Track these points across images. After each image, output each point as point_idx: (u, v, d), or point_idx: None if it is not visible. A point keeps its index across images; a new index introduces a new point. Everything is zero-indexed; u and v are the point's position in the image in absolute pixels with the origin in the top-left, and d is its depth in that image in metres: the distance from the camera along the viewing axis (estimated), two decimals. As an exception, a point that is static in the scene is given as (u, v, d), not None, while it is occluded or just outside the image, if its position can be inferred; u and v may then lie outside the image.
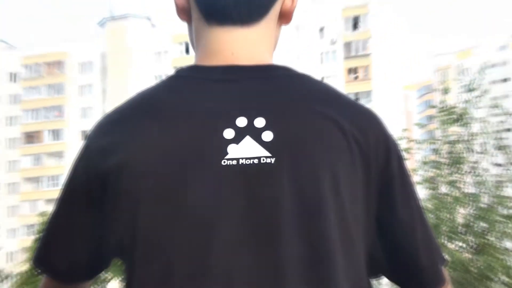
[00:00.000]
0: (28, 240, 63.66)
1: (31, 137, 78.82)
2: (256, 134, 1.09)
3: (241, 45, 1.17)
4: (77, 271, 1.22)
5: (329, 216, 1.07)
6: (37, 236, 36.10)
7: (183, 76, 1.19)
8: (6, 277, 50.36)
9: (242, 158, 1.07)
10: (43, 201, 73.74)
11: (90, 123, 77.54)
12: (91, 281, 1.31)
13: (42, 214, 37.68)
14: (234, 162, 1.07)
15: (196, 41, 1.25)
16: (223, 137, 1.08)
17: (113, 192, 1.11)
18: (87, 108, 78.52)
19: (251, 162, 1.07)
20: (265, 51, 1.20)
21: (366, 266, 1.14)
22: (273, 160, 1.07)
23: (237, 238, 1.05)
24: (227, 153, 1.07)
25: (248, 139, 1.08)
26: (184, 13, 1.25)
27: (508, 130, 19.40)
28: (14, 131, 79.61)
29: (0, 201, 78.44)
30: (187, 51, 74.71)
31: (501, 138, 18.85)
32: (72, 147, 76.89)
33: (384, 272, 1.21)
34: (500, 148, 18.84)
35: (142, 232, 1.08)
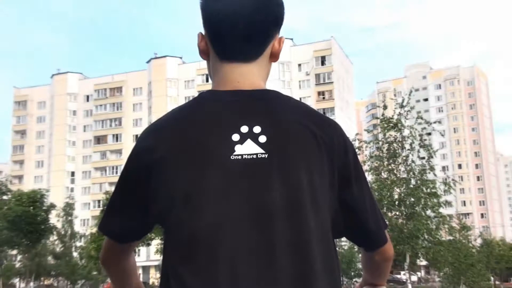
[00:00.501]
0: (96, 211, 63.53)
1: (99, 139, 78.67)
2: (254, 137, 1.10)
3: (244, 76, 1.19)
4: (129, 234, 1.22)
5: (305, 195, 1.09)
6: (102, 208, 36.08)
7: (204, 97, 1.19)
8: (81, 236, 50.24)
9: (245, 154, 1.09)
10: (107, 184, 73.58)
11: (140, 130, 77.37)
12: (140, 241, 1.30)
13: (106, 193, 37.69)
14: (240, 157, 1.09)
15: (212, 73, 1.24)
16: (232, 139, 1.10)
17: (155, 178, 1.11)
18: (138, 120, 78.34)
19: (251, 157, 1.09)
20: (261, 80, 1.21)
21: (331, 230, 1.14)
22: (266, 155, 1.09)
23: (242, 214, 1.06)
24: (234, 151, 1.09)
25: (249, 141, 1.10)
26: (204, 53, 1.24)
27: (429, 134, 19.24)
28: (88, 135, 79.49)
29: (77, 184, 78.31)
30: (207, 80, 74.52)
31: (424, 140, 18.69)
32: (128, 146, 76.72)
33: (344, 234, 1.21)
34: (423, 146, 18.69)
35: (175, 207, 1.08)
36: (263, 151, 1.09)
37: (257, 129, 1.11)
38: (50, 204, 39.50)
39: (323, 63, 72.56)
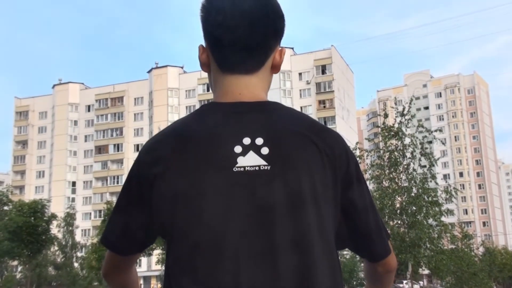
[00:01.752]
0: (97, 221, 63.40)
1: (100, 149, 78.65)
2: (257, 149, 1.11)
3: (246, 88, 1.19)
4: (131, 247, 1.21)
5: (309, 208, 1.09)
6: (104, 218, 36.00)
7: (205, 109, 1.18)
8: (82, 247, 50.10)
9: (248, 166, 1.09)
10: (108, 193, 73.45)
11: (141, 140, 77.48)
12: (141, 253, 1.28)
13: (107, 203, 37.56)
14: (242, 169, 1.09)
15: (214, 85, 1.24)
16: (234, 151, 1.10)
17: (157, 191, 1.11)
18: (139, 129, 78.35)
19: (254, 169, 1.09)
20: (262, 91, 1.22)
21: (335, 242, 1.15)
22: (269, 167, 1.09)
23: (244, 223, 1.06)
24: (237, 163, 1.09)
25: (251, 153, 1.10)
26: (205, 66, 1.25)
27: (430, 142, 19.22)
28: (89, 145, 79.47)
29: (78, 194, 78.20)
30: (208, 89, 74.57)
31: (425, 148, 18.67)
32: (129, 156, 76.72)
33: (347, 245, 1.22)
34: (424, 155, 18.67)
35: (177, 218, 1.09)
36: (265, 163, 1.09)
37: (259, 141, 1.11)
38: (51, 214, 39.38)
39: (323, 72, 72.66)
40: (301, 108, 68.88)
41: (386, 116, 19.20)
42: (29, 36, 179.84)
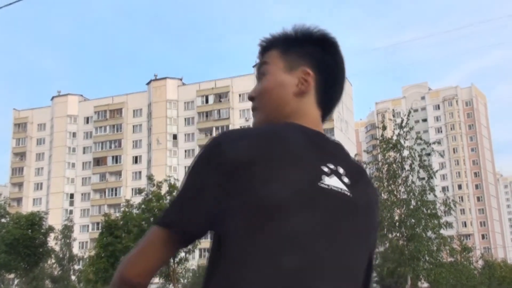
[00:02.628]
0: (95, 233, 63.08)
1: (99, 161, 78.55)
2: (339, 176, 1.14)
3: (320, 122, 1.27)
4: (192, 236, 1.12)
5: (366, 247, 1.18)
6: (101, 230, 35.66)
7: (294, 125, 1.19)
8: (79, 259, 49.81)
9: (333, 186, 1.11)
10: (106, 206, 73.24)
11: (139, 152, 77.45)
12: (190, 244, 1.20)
13: (105, 215, 37.26)
14: (326, 186, 1.11)
15: (292, 105, 1.24)
16: (321, 169, 1.12)
17: (241, 186, 1.07)
18: (137, 141, 78.33)
19: (338, 190, 1.12)
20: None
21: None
22: (351, 195, 1.13)
23: (327, 235, 1.08)
24: (322, 180, 1.10)
25: (335, 177, 1.13)
26: (304, 92, 1.26)
27: (428, 154, 19.23)
28: (88, 157, 79.37)
29: (76, 206, 77.96)
30: (206, 101, 74.75)
31: (423, 160, 18.66)
32: (127, 168, 76.65)
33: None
34: (423, 167, 18.66)
35: (257, 222, 1.06)
36: (348, 190, 1.13)
37: (341, 170, 1.14)
38: (49, 226, 39.21)
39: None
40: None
41: (384, 128, 19.22)
42: (28, 48, 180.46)
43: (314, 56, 1.24)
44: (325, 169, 1.12)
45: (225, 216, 1.06)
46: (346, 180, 1.14)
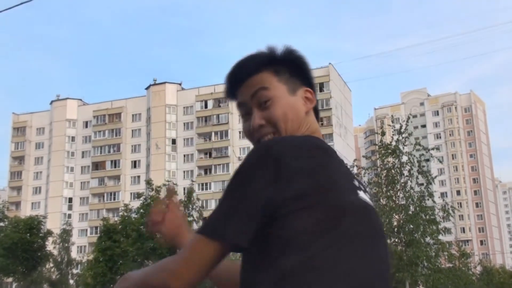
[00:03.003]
0: (93, 237, 63.01)
1: (97, 165, 78.52)
2: (363, 191, 1.17)
3: None
4: (242, 249, 1.08)
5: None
6: (100, 235, 35.64)
7: (320, 139, 1.21)
8: (77, 264, 49.71)
9: (364, 199, 1.15)
10: (105, 210, 73.18)
11: (138, 156, 77.44)
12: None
13: (104, 219, 37.27)
14: (363, 199, 1.14)
15: (307, 121, 1.27)
16: (354, 184, 1.15)
17: (305, 195, 1.05)
18: (136, 146, 78.32)
19: (370, 203, 1.17)
20: None
21: None
22: (373, 205, 1.18)
23: (377, 245, 1.13)
24: (358, 194, 1.13)
25: (362, 191, 1.16)
26: (309, 109, 1.31)
27: (427, 160, 19.28)
28: (86, 161, 79.34)
29: (75, 210, 77.88)
30: (206, 106, 74.83)
31: (422, 166, 18.71)
32: (126, 173, 76.61)
33: None
34: (421, 173, 18.70)
35: (313, 236, 1.06)
36: (371, 202, 1.17)
37: (360, 186, 1.18)
38: (47, 230, 39.20)
39: (321, 89, 72.96)
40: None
41: (383, 134, 19.28)
42: (27, 52, 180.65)
43: (300, 73, 1.29)
44: (356, 183, 1.16)
45: (282, 222, 1.03)
46: (367, 196, 1.17)
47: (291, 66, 1.27)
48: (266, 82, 1.23)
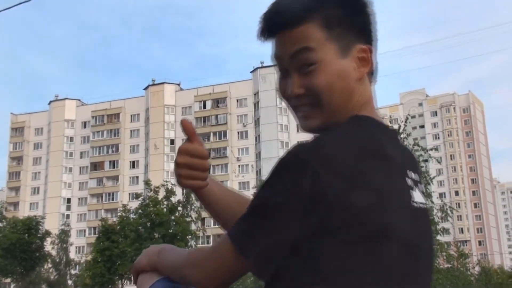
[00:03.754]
0: (92, 238, 63.02)
1: (96, 166, 78.54)
2: (417, 184, 0.99)
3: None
4: (269, 266, 0.94)
5: None
6: (98, 235, 35.63)
7: (372, 126, 1.00)
8: (75, 264, 49.72)
9: (417, 202, 0.97)
10: (103, 210, 73.18)
11: (136, 157, 77.46)
12: None
13: (102, 220, 37.28)
14: (416, 204, 0.96)
15: (358, 92, 1.02)
16: (407, 183, 0.96)
17: (345, 211, 0.87)
18: (135, 146, 78.40)
19: (423, 206, 0.98)
20: None
21: None
22: (426, 207, 1.00)
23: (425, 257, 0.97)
24: (411, 197, 0.95)
25: (417, 190, 0.98)
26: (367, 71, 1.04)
27: (425, 161, 19.30)
28: (85, 162, 79.38)
29: (73, 211, 77.86)
30: (204, 106, 74.88)
31: (420, 166, 18.72)
32: (125, 173, 76.62)
33: None
34: (420, 173, 18.70)
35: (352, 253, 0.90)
36: (424, 202, 0.99)
37: (416, 177, 1.00)
38: (45, 231, 39.22)
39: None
40: (297, 126, 69.00)
41: (382, 134, 19.29)
42: (26, 52, 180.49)
43: (356, 21, 1.01)
44: (409, 182, 0.96)
45: (309, 249, 0.88)
46: (421, 188, 1.00)
47: (345, 11, 0.99)
48: (312, 39, 0.96)
